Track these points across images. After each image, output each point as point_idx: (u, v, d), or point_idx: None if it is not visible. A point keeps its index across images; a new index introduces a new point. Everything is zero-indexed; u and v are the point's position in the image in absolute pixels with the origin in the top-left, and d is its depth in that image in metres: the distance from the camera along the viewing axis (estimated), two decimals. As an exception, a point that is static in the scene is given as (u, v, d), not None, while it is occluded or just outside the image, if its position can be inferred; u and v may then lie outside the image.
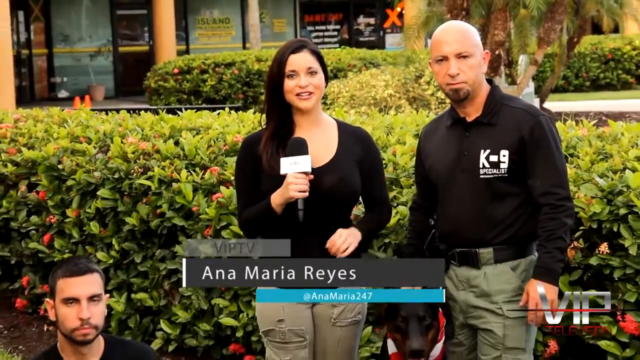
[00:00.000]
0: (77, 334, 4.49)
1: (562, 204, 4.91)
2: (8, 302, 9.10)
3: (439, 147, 5.17)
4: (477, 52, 5.01)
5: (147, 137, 8.37)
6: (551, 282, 4.88)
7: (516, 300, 4.96)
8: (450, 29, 5.12)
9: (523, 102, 5.26)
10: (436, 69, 5.05)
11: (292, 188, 4.87)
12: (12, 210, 8.79)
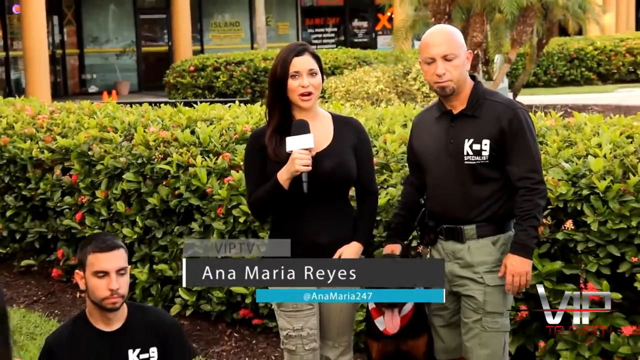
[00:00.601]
0: (106, 303, 4.50)
1: (537, 187, 4.94)
2: (45, 272, 9.10)
3: (428, 136, 5.18)
4: (462, 53, 5.01)
5: (167, 127, 8.36)
6: (526, 256, 4.92)
7: (496, 270, 4.99)
8: (438, 33, 5.11)
9: (503, 97, 5.28)
10: (425, 69, 5.06)
11: (298, 162, 4.86)
12: (48, 192, 8.79)
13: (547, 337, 6.43)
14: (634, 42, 30.95)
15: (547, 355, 6.40)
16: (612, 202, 6.04)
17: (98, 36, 35.39)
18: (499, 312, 5.05)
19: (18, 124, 9.49)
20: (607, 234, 6.05)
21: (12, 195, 9.21)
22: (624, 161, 6.30)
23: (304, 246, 5.05)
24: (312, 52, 5.10)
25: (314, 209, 5.07)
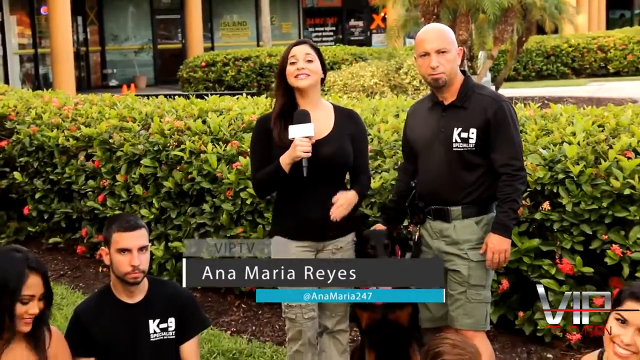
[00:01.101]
0: (128, 277, 4.51)
1: (517, 173, 4.95)
2: (71, 249, 9.10)
3: (421, 124, 5.19)
4: (453, 48, 5.03)
5: (180, 117, 8.35)
6: (505, 235, 4.93)
7: (479, 247, 5.00)
8: (431, 30, 5.14)
9: (490, 90, 5.32)
10: (419, 63, 5.07)
11: (299, 149, 4.88)
12: (73, 176, 8.78)
13: (526, 308, 6.44)
14: (605, 40, 30.95)
15: (525, 324, 6.43)
16: (585, 185, 6.06)
17: (118, 35, 35.36)
18: (481, 285, 5.06)
19: (46, 114, 9.48)
20: (580, 214, 6.07)
21: (41, 179, 9.20)
22: (595, 148, 6.31)
23: (304, 224, 5.11)
24: (311, 44, 5.16)
25: (313, 190, 5.07)
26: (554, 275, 6.17)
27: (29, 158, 9.29)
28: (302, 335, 5.23)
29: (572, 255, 6.14)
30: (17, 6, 29.14)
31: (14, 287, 3.95)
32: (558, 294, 6.18)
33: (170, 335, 4.64)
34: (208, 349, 6.34)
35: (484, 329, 5.12)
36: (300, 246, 5.15)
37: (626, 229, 6.02)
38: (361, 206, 6.71)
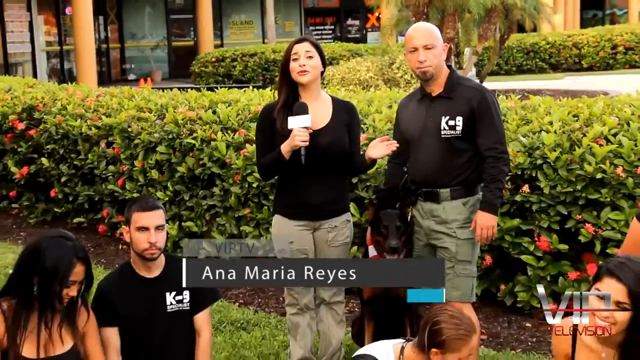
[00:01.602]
0: (146, 253, 4.51)
1: (501, 156, 4.96)
2: (93, 228, 9.10)
3: (412, 115, 5.19)
4: (439, 44, 5.04)
5: (193, 108, 8.35)
6: (492, 212, 4.95)
7: (466, 226, 5.01)
8: (419, 28, 5.15)
9: (473, 82, 5.34)
10: (409, 57, 5.08)
11: (297, 138, 4.89)
12: (95, 162, 8.78)
13: (507, 282, 6.46)
14: (579, 38, 30.90)
15: (507, 296, 6.44)
16: (561, 170, 6.07)
17: (136, 33, 35.31)
18: (468, 261, 5.08)
19: (70, 105, 9.48)
20: (556, 196, 6.08)
21: (66, 165, 9.20)
22: (570, 136, 6.32)
23: (302, 206, 5.15)
24: (312, 41, 5.16)
25: (311, 176, 5.08)
26: (533, 252, 6.20)
27: (55, 145, 9.29)
28: (298, 301, 5.31)
29: (549, 234, 6.16)
30: (44, 7, 29.12)
31: (64, 274, 3.97)
32: (536, 269, 6.23)
33: (185, 307, 4.65)
34: (218, 319, 6.36)
35: (470, 301, 5.12)
36: (298, 225, 5.18)
37: (598, 209, 6.03)
38: (357, 189, 6.75)
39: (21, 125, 9.64)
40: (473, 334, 3.81)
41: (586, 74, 28.52)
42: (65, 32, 29.83)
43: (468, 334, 3.80)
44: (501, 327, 6.27)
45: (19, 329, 3.98)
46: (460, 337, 3.79)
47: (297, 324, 5.35)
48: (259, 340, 6.09)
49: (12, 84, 11.77)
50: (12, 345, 3.96)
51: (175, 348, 4.63)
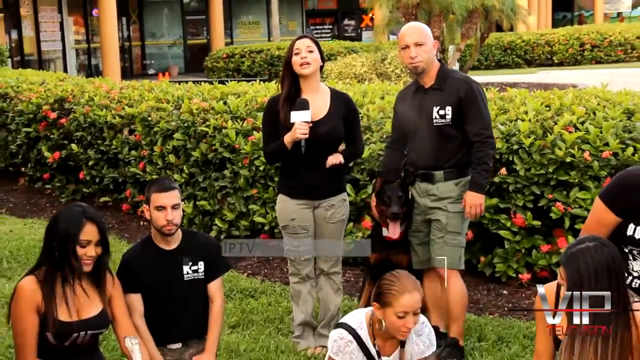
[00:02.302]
0: (164, 229, 4.51)
1: (487, 140, 4.97)
2: (117, 206, 9.10)
3: (408, 106, 5.18)
4: (429, 41, 5.03)
5: (206, 99, 8.33)
6: (480, 191, 4.97)
7: (457, 202, 5.02)
8: (411, 27, 5.15)
9: (461, 74, 5.37)
10: (402, 53, 5.08)
11: (298, 132, 4.93)
12: (119, 147, 8.78)
13: (486, 254, 6.46)
14: (550, 37, 30.82)
15: (486, 267, 6.45)
16: (535, 154, 6.07)
17: (155, 32, 35.24)
18: (457, 232, 5.09)
19: (97, 97, 9.46)
20: (530, 177, 6.09)
21: (93, 150, 9.18)
22: (543, 124, 6.32)
23: (303, 187, 5.18)
24: (311, 38, 5.19)
25: (310, 161, 5.08)
26: (509, 228, 6.21)
27: (84, 133, 9.27)
28: (300, 272, 5.34)
29: (524, 211, 6.16)
30: (74, 9, 29.13)
31: (74, 232, 3.97)
32: (512, 242, 6.24)
33: (200, 276, 4.65)
34: (229, 287, 6.36)
35: (458, 268, 5.14)
36: (299, 203, 5.20)
37: (567, 189, 6.04)
38: (353, 171, 6.75)
39: (53, 114, 9.63)
40: (406, 292, 3.70)
41: (557, 68, 28.48)
42: (92, 32, 29.85)
43: (399, 292, 3.70)
44: (481, 295, 6.27)
45: (52, 293, 4.00)
46: (390, 292, 3.72)
47: (299, 291, 5.38)
48: (265, 306, 6.10)
49: (45, 77, 11.75)
50: (49, 310, 3.97)
51: (191, 313, 4.64)
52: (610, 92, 7.43)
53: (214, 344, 4.66)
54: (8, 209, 9.58)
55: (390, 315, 3.73)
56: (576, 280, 3.35)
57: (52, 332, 3.97)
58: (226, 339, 5.39)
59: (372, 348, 3.87)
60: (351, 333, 3.86)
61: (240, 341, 5.41)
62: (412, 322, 3.75)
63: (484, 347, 5.23)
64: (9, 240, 7.77)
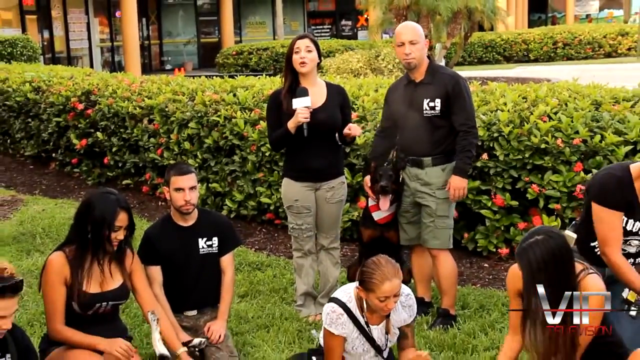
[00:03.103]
0: (182, 209, 4.53)
1: (471, 130, 4.96)
2: (138, 188, 9.07)
3: (400, 98, 5.15)
4: (421, 40, 5.02)
5: (217, 92, 8.30)
6: (463, 176, 4.97)
7: (444, 188, 5.01)
8: (406, 26, 5.14)
9: (449, 70, 5.34)
10: (397, 50, 5.07)
11: (300, 116, 4.93)
12: (139, 135, 8.74)
13: (469, 231, 6.46)
14: (527, 35, 30.77)
15: (469, 242, 6.45)
16: (513, 141, 6.07)
17: (172, 31, 35.11)
18: (445, 216, 5.09)
19: (119, 90, 9.42)
20: (509, 162, 6.09)
21: (116, 138, 9.15)
22: (520, 114, 6.31)
23: (305, 170, 5.18)
24: (311, 38, 5.16)
25: (311, 146, 5.09)
26: (490, 207, 6.21)
27: (108, 122, 9.24)
28: (303, 247, 5.34)
29: (503, 193, 6.15)
30: (99, 11, 29.10)
31: (110, 221, 4.00)
32: (493, 220, 6.25)
33: (214, 250, 4.66)
34: (238, 261, 6.35)
35: (447, 248, 5.15)
36: (302, 186, 5.20)
37: (542, 173, 6.03)
38: (349, 157, 6.73)
39: (80, 105, 9.60)
40: (386, 281, 3.68)
41: (533, 64, 28.44)
42: (115, 31, 29.80)
43: (380, 280, 3.68)
44: (464, 267, 6.27)
45: (80, 268, 4.02)
46: (372, 280, 3.70)
47: (301, 265, 5.38)
48: (270, 278, 6.10)
49: (74, 73, 11.70)
50: (75, 283, 4.00)
51: (205, 283, 4.66)
52: (580, 86, 7.42)
53: (225, 311, 4.67)
54: (41, 191, 9.57)
55: (373, 299, 3.74)
56: (528, 271, 3.39)
57: (77, 302, 4.02)
58: (236, 307, 5.39)
59: (361, 319, 3.88)
60: (342, 307, 3.87)
61: (248, 309, 5.42)
62: (392, 303, 3.75)
63: (467, 314, 5.23)
64: (42, 218, 7.76)
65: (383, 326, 3.94)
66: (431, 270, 5.30)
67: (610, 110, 6.21)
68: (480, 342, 4.72)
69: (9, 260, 6.40)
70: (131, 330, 4.77)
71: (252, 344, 4.84)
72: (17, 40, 16.51)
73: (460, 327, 5.00)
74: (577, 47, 30.27)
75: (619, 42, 30.21)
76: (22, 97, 10.80)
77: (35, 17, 25.50)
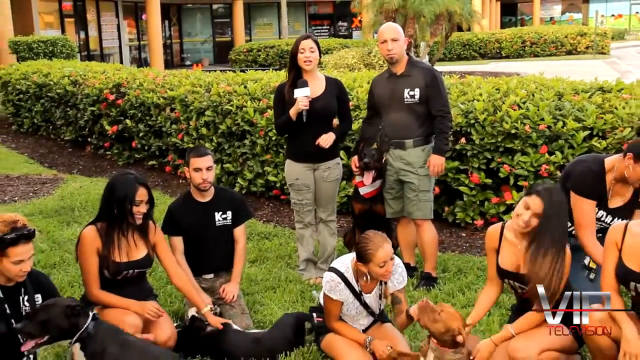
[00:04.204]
0: (200, 187, 4.51)
1: (446, 115, 4.95)
2: (162, 168, 9.03)
3: (383, 88, 5.12)
4: (401, 38, 4.99)
5: (230, 84, 8.24)
6: (441, 154, 4.96)
7: (424, 165, 4.99)
8: (388, 25, 5.09)
9: (425, 64, 5.28)
10: (380, 47, 5.03)
11: (300, 104, 4.93)
12: (163, 122, 8.69)
13: (449, 205, 6.44)
14: (499, 36, 30.65)
15: (449, 215, 6.43)
16: (487, 127, 6.04)
17: (190, 32, 35.03)
18: (427, 190, 5.08)
19: (145, 82, 9.37)
20: (484, 145, 6.06)
21: (142, 124, 9.10)
22: (494, 103, 6.28)
23: (305, 153, 5.17)
24: (313, 39, 5.11)
25: (310, 131, 5.07)
26: (467, 184, 6.19)
27: (135, 111, 9.19)
28: (304, 220, 5.34)
29: (479, 172, 6.13)
30: (128, 15, 29.05)
31: (131, 196, 3.98)
32: (469, 196, 6.22)
33: (228, 222, 4.64)
34: (249, 231, 6.34)
35: (429, 218, 5.14)
36: (303, 166, 5.19)
37: (512, 154, 6.01)
38: (345, 140, 6.70)
39: (112, 96, 9.55)
40: (380, 248, 3.66)
41: (504, 60, 28.39)
42: (141, 32, 29.77)
43: (374, 249, 3.67)
44: (445, 236, 6.25)
45: (109, 242, 4.03)
46: (368, 251, 3.68)
47: (302, 235, 5.38)
48: (277, 246, 6.09)
49: (106, 68, 11.65)
50: (106, 253, 3.99)
51: (220, 251, 4.65)
52: (545, 79, 7.38)
53: (238, 275, 4.67)
54: (78, 170, 9.55)
55: (374, 268, 3.71)
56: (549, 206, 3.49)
57: (108, 270, 4.02)
58: (247, 271, 5.39)
59: (356, 287, 3.87)
60: (339, 276, 3.85)
61: (257, 273, 5.41)
62: (391, 266, 3.74)
63: (447, 277, 5.23)
64: (79, 194, 7.75)
65: (376, 293, 3.94)
66: (415, 239, 5.29)
67: (571, 100, 6.18)
68: (458, 301, 4.73)
69: (52, 230, 6.41)
70: (157, 290, 4.77)
71: (261, 302, 4.84)
72: (57, 40, 16.43)
73: (441, 288, 5.00)
74: (543, 45, 30.26)
75: (578, 41, 30.19)
76: (62, 90, 10.77)
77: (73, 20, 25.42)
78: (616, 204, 3.95)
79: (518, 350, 3.48)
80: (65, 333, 3.48)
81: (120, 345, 3.51)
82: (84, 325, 3.50)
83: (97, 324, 3.53)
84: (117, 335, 3.58)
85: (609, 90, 6.43)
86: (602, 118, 5.80)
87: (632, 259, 3.32)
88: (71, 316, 3.46)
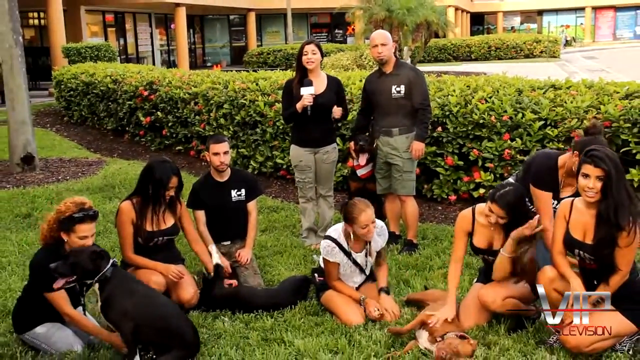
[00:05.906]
0: (218, 167, 4.47)
1: (426, 108, 4.91)
2: (187, 152, 8.95)
3: (374, 85, 5.06)
4: (390, 43, 4.93)
5: (244, 82, 8.15)
6: (422, 140, 4.92)
7: (408, 150, 4.94)
8: (379, 32, 5.03)
9: (410, 65, 5.23)
10: (372, 50, 4.97)
11: (305, 100, 4.88)
12: (188, 113, 8.61)
13: (428, 183, 6.38)
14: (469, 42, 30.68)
15: (428, 192, 6.38)
16: (460, 118, 5.98)
17: (211, 38, 34.91)
18: (410, 171, 5.03)
19: (174, 81, 9.27)
20: (457, 133, 6.00)
21: (171, 116, 9.02)
22: (465, 98, 6.21)
23: (307, 139, 5.10)
24: (316, 43, 5.04)
25: (314, 121, 5.01)
26: (443, 166, 6.12)
27: (165, 104, 9.10)
28: (306, 195, 5.29)
29: (453, 155, 6.07)
30: (159, 24, 29.05)
31: (166, 183, 3.95)
32: (445, 175, 6.16)
33: (242, 198, 4.60)
34: (260, 205, 6.27)
35: (412, 194, 5.10)
36: (305, 150, 5.13)
37: (480, 141, 5.95)
38: (341, 129, 6.63)
39: (145, 92, 9.47)
40: (362, 212, 3.68)
41: (474, 62, 28.30)
42: (170, 39, 29.70)
43: (357, 213, 3.69)
44: (424, 209, 6.19)
45: (142, 214, 3.99)
46: (352, 214, 3.71)
47: (305, 208, 5.33)
48: (283, 217, 6.04)
49: (141, 69, 11.55)
50: (139, 223, 3.96)
51: (236, 222, 4.61)
52: (508, 78, 7.29)
53: (251, 242, 4.64)
54: (118, 154, 9.48)
55: (357, 229, 3.73)
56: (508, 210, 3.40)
57: (141, 237, 3.99)
58: (258, 238, 5.34)
59: (346, 247, 3.87)
60: (333, 241, 3.86)
61: (267, 240, 5.37)
62: (372, 228, 3.75)
63: (426, 243, 5.18)
64: (119, 174, 7.69)
65: (364, 252, 3.92)
66: (400, 211, 5.25)
67: (529, 95, 6.11)
68: (435, 263, 4.69)
69: (97, 204, 6.36)
70: (184, 254, 4.73)
71: (270, 265, 4.80)
72: (100, 46, 16.45)
73: (420, 253, 4.96)
74: (505, 50, 30.23)
75: (534, 47, 30.20)
76: (105, 87, 10.70)
77: (114, 29, 25.49)
78: (567, 194, 3.89)
79: (487, 295, 3.55)
80: (89, 273, 3.35)
81: (128, 292, 3.40)
82: (104, 269, 3.40)
83: (115, 270, 3.41)
84: (127, 282, 3.41)
85: (560, 88, 6.37)
86: (554, 110, 5.75)
87: (576, 230, 3.31)
88: (95, 259, 3.36)
